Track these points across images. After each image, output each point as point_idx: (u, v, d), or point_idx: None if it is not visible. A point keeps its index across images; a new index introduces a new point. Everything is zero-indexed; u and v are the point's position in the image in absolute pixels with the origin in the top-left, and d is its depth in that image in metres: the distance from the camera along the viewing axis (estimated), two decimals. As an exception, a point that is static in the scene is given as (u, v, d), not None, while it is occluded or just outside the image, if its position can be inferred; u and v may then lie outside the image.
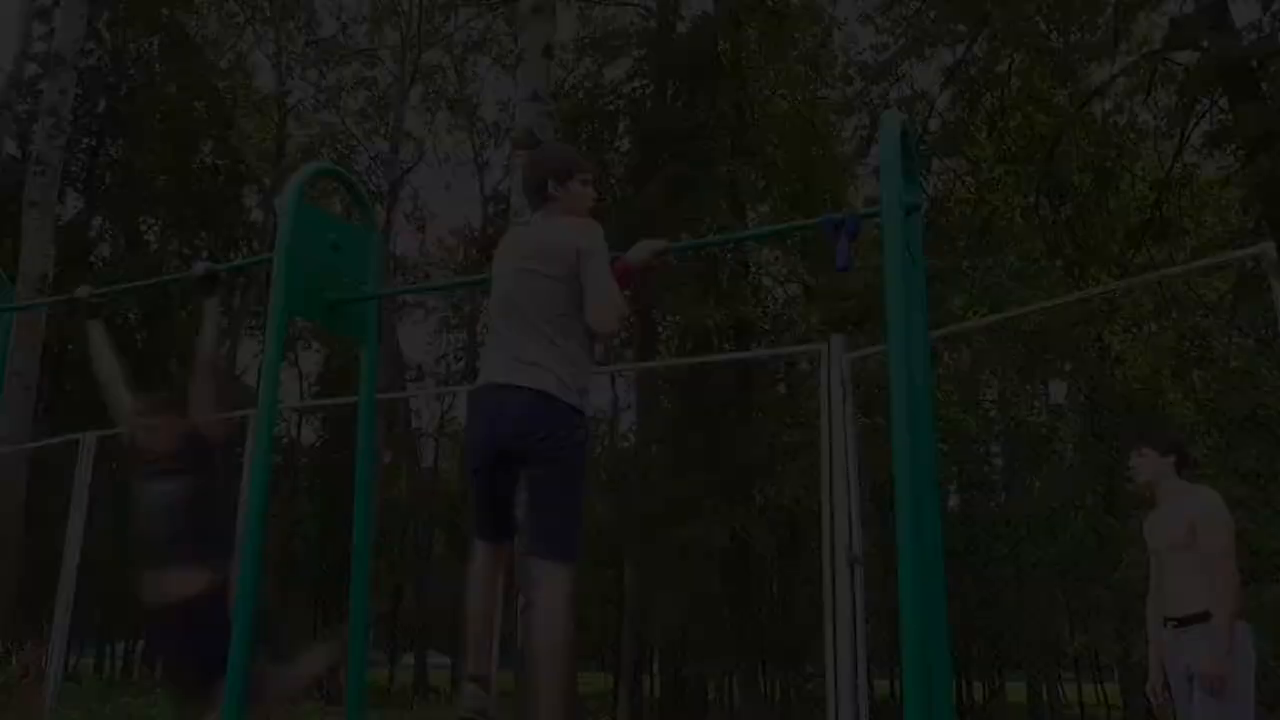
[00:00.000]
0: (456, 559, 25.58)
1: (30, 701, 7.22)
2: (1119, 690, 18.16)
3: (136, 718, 7.22)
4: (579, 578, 2.59)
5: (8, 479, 9.83)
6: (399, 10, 21.09)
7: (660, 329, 18.42)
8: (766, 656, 15.16)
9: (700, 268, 13.93)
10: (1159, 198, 11.34)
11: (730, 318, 13.85)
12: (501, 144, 24.26)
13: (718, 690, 23.46)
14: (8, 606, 9.16)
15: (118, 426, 3.34)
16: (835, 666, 4.51)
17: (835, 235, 2.62)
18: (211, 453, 3.14)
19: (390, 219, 20.47)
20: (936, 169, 13.66)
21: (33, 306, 9.50)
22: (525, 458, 2.57)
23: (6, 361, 4.65)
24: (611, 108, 17.13)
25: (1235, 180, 11.67)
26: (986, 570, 14.48)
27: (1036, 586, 12.94)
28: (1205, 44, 9.68)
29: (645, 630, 16.86)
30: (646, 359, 16.95)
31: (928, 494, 2.33)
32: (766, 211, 17.49)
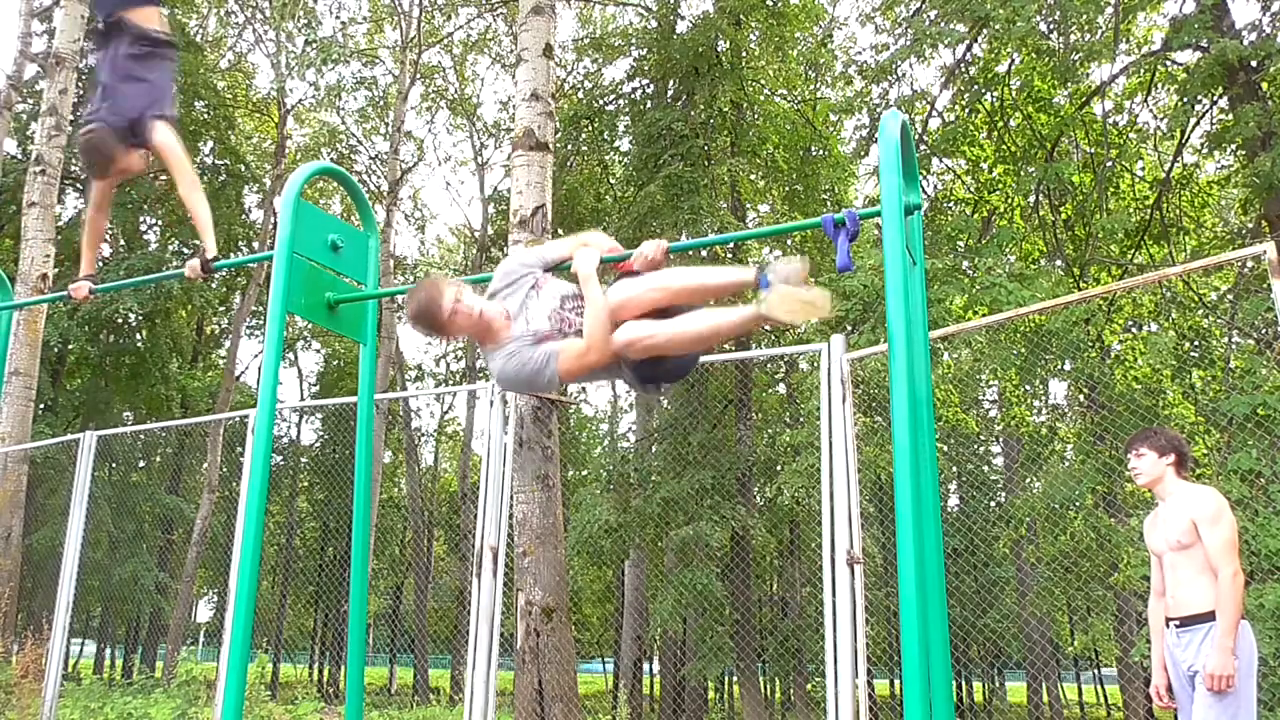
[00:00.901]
0: (457, 559, 25.58)
1: (30, 701, 7.23)
2: (1119, 690, 18.17)
3: (136, 717, 7.23)
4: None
5: (7, 478, 9.83)
6: (399, 10, 21.08)
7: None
8: (766, 656, 15.16)
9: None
10: (1159, 198, 11.34)
11: (730, 317, 13.82)
12: (501, 144, 24.29)
13: (718, 690, 23.48)
14: (8, 606, 9.16)
15: None
16: (835, 666, 4.52)
17: (835, 235, 2.62)
18: None
19: (390, 219, 20.46)
20: (936, 169, 13.65)
21: (32, 304, 9.51)
22: None
23: (6, 361, 4.66)
24: (611, 108, 17.13)
25: (1235, 180, 11.68)
26: (986, 570, 14.48)
27: (1036, 586, 12.94)
28: (1205, 44, 9.68)
29: (645, 630, 16.87)
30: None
31: (928, 494, 2.33)
32: (767, 212, 17.50)
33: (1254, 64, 9.38)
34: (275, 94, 21.24)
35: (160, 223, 21.00)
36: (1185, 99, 10.16)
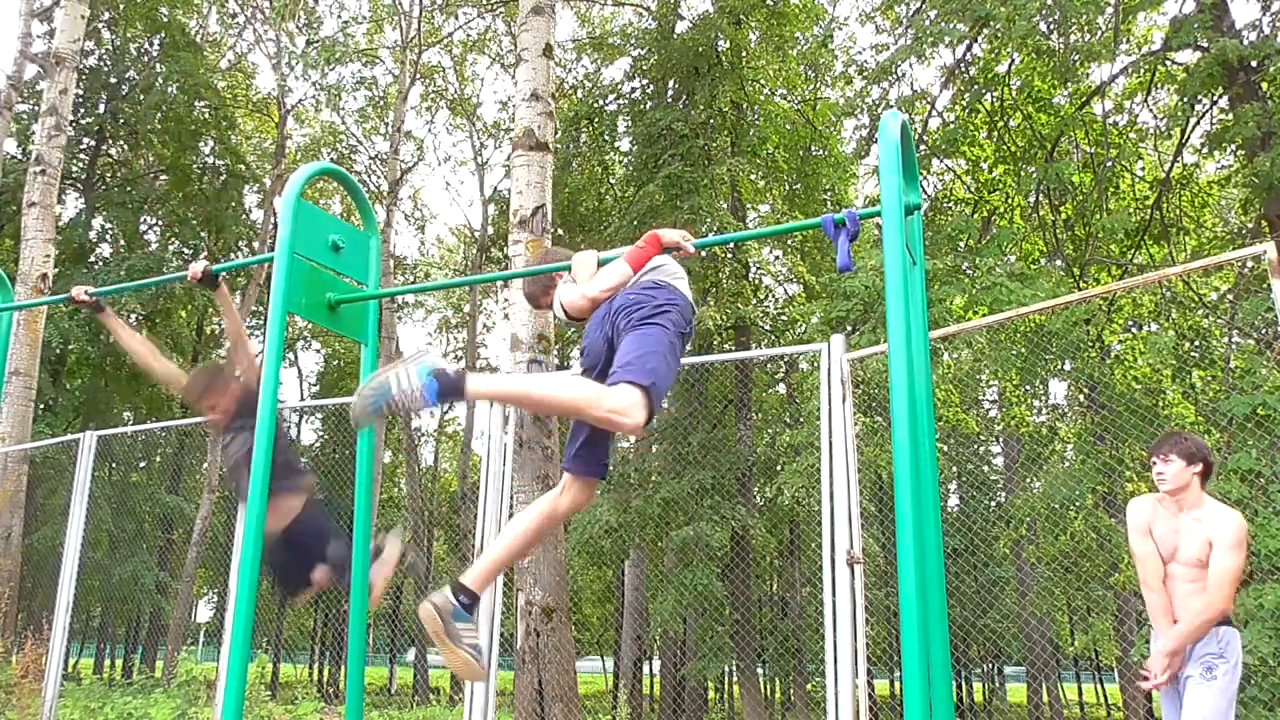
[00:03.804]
0: (457, 559, 25.57)
1: (30, 701, 7.23)
2: (1119, 690, 18.16)
3: (136, 718, 7.23)
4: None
5: (7, 478, 9.83)
6: (399, 10, 21.08)
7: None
8: (766, 656, 15.16)
9: (700, 267, 13.93)
10: (1159, 198, 11.34)
11: (730, 318, 13.85)
12: (501, 144, 24.27)
13: (718, 690, 23.48)
14: (8, 606, 9.16)
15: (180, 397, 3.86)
16: (835, 666, 4.52)
17: (835, 235, 2.62)
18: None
19: (390, 219, 20.46)
20: (936, 169, 13.65)
21: (32, 305, 9.50)
22: None
23: (6, 361, 4.65)
24: (612, 108, 17.12)
25: (1235, 180, 11.68)
26: (986, 570, 14.49)
27: (1036, 586, 12.95)
28: (1205, 44, 9.69)
29: (645, 630, 16.87)
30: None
31: (928, 494, 2.33)
32: (767, 211, 17.50)
33: (1254, 64, 9.39)
34: (275, 94, 21.23)
35: (160, 223, 21.00)
36: (1185, 99, 10.16)
